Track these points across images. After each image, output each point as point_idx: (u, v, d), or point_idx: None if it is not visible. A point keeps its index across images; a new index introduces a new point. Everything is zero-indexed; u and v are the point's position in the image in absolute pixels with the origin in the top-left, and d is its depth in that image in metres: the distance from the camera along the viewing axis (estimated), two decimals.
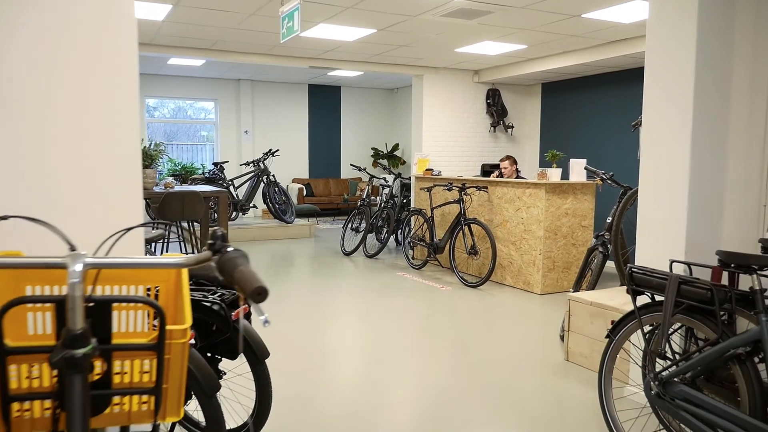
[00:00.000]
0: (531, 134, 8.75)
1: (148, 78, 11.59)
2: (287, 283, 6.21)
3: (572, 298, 3.89)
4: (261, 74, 11.65)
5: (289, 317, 4.92)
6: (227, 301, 2.52)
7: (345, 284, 6.20)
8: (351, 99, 13.66)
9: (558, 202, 5.78)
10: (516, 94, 8.60)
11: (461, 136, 8.17)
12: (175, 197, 5.71)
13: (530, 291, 5.92)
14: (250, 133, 12.47)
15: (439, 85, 7.94)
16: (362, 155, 13.91)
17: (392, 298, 5.61)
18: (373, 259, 7.72)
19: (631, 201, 3.73)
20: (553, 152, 5.89)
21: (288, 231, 9.57)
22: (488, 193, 6.40)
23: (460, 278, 6.25)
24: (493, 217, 6.35)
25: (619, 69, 7.34)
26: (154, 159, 6.21)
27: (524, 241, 5.95)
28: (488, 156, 8.41)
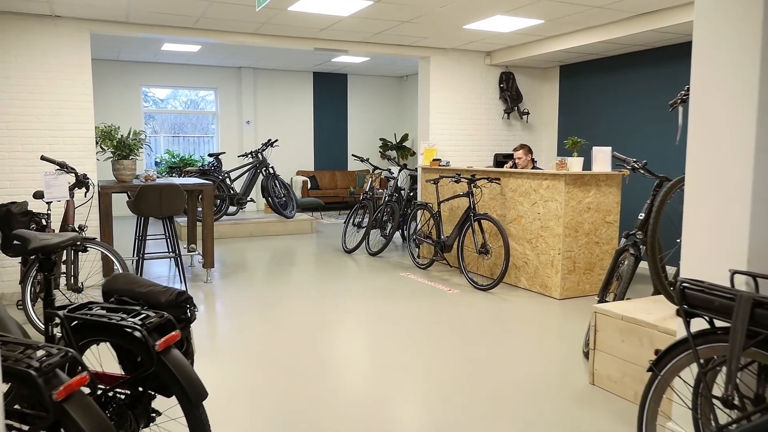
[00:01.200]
0: (548, 121, 8.07)
1: (143, 66, 11.07)
2: (281, 286, 5.63)
3: (598, 311, 3.26)
4: (263, 61, 11.07)
5: (280, 326, 4.35)
6: (151, 326, 1.93)
7: (344, 287, 5.61)
8: (358, 87, 13.04)
9: (579, 195, 5.13)
10: (532, 77, 7.92)
11: (472, 123, 7.53)
12: (152, 191, 5.16)
13: (548, 295, 5.28)
14: (252, 124, 11.91)
15: (447, 68, 7.30)
16: (370, 146, 13.29)
17: (394, 303, 5.01)
18: (377, 258, 7.13)
19: (671, 194, 3.09)
20: (574, 139, 5.23)
21: (288, 226, 9.01)
22: (501, 186, 5.76)
23: (469, 280, 5.63)
24: (506, 212, 5.71)
25: (649, 47, 6.63)
26: (133, 149, 5.66)
27: (541, 239, 5.31)
28: (501, 145, 7.76)
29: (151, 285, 2.12)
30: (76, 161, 5.54)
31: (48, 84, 5.41)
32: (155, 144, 15.74)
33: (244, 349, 3.87)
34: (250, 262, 6.79)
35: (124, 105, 11.03)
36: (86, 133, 5.57)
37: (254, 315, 4.67)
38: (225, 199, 8.77)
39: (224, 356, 3.75)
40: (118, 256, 4.13)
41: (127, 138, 5.66)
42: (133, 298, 2.07)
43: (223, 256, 7.21)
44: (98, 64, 10.69)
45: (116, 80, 10.91)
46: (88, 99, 5.55)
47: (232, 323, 4.46)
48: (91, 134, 5.59)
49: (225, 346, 3.93)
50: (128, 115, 11.06)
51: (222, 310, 4.83)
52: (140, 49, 9.76)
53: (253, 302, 5.05)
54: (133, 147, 5.66)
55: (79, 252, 4.17)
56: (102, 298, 2.18)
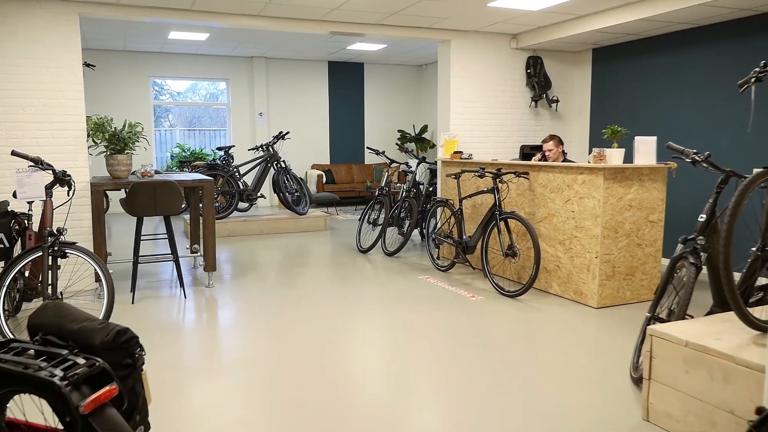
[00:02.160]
0: (579, 110, 7.45)
1: (151, 56, 10.66)
2: (289, 291, 5.15)
3: (656, 333, 2.71)
4: (275, 50, 10.59)
5: (287, 340, 3.86)
6: (77, 379, 1.44)
7: (358, 292, 5.11)
8: (375, 77, 12.50)
9: (620, 191, 4.55)
10: (562, 62, 7.31)
11: (496, 112, 6.95)
12: (144, 188, 4.70)
13: (583, 303, 4.72)
14: (265, 116, 11.46)
15: (469, 52, 6.73)
16: (388, 138, 12.75)
17: (413, 312, 4.49)
18: (393, 258, 6.61)
19: (749, 192, 2.52)
20: (614, 128, 4.64)
21: (300, 223, 8.54)
22: (529, 181, 5.20)
23: (494, 285, 5.09)
24: (535, 209, 5.15)
25: (697, 25, 5.99)
26: (128, 143, 5.22)
27: (575, 240, 4.74)
28: (528, 136, 7.17)
29: (85, 320, 1.63)
30: (65, 156, 5.11)
31: (34, 72, 4.97)
32: (171, 137, 15.38)
33: (246, 369, 3.39)
34: (258, 264, 6.33)
35: (132, 97, 10.64)
36: (76, 126, 5.14)
37: (258, 327, 4.19)
38: (234, 194, 8.33)
39: (223, 377, 3.27)
40: (99, 263, 3.68)
41: (122, 131, 5.22)
42: (62, 336, 1.58)
43: (230, 256, 6.77)
44: (104, 54, 10.31)
45: (124, 71, 10.52)
46: (78, 88, 5.11)
47: (232, 337, 3.99)
48: (82, 126, 5.16)
49: (224, 365, 3.46)
50: (137, 108, 10.68)
51: (222, 321, 4.36)
52: (146, 38, 9.34)
53: (257, 311, 4.58)
54: (128, 140, 5.22)
55: (58, 258, 3.74)
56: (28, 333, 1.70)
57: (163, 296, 5.03)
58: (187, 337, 3.98)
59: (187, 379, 3.26)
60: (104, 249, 4.89)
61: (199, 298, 4.96)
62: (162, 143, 13.34)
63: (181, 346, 3.80)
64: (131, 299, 4.86)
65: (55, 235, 3.70)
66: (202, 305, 4.77)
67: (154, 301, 4.88)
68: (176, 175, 5.68)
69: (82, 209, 5.14)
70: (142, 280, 5.64)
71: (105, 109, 10.43)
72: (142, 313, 4.54)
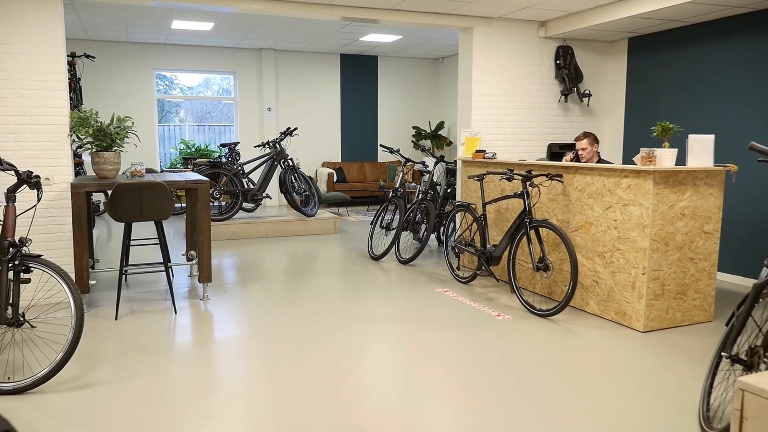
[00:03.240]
0: (612, 105, 6.83)
1: (155, 47, 10.17)
2: (292, 307, 4.61)
3: (751, 389, 2.12)
4: (285, 42, 10.05)
5: (286, 370, 3.32)
6: None
7: (369, 308, 4.56)
8: (389, 70, 11.93)
9: (671, 197, 3.95)
10: (593, 52, 6.69)
11: (522, 107, 6.35)
12: (129, 191, 4.18)
13: (626, 326, 4.13)
14: (274, 111, 10.94)
15: (493, 41, 6.13)
16: (402, 135, 12.19)
17: (430, 333, 3.93)
18: (408, 266, 6.05)
19: None
20: (665, 125, 4.04)
21: (308, 226, 8.00)
22: (563, 184, 4.61)
23: (522, 302, 4.51)
24: (569, 217, 4.56)
25: (756, 8, 5.34)
26: (116, 139, 4.71)
27: (618, 253, 4.15)
28: (557, 134, 6.57)
29: None
30: (46, 153, 4.60)
31: (11, 60, 4.47)
32: (180, 133, 14.93)
33: (240, 406, 2.85)
34: (261, 271, 5.80)
35: (135, 90, 10.16)
36: (58, 120, 4.63)
37: (255, 352, 3.65)
38: (238, 194, 7.81)
39: (212, 418, 2.73)
40: (67, 279, 3.15)
41: (109, 125, 4.71)
42: None
43: (231, 261, 6.24)
44: (105, 45, 9.84)
45: (126, 63, 10.04)
46: (60, 78, 4.60)
47: (225, 365, 3.45)
48: (64, 121, 4.65)
49: (214, 400, 2.93)
50: (140, 102, 10.20)
51: (214, 344, 3.83)
52: (149, 28, 8.84)
53: (255, 331, 4.04)
54: (115, 136, 4.71)
55: (20, 273, 3.22)
56: None
57: (152, 310, 4.51)
58: (173, 363, 3.45)
59: (167, 421, 2.73)
60: (86, 259, 4.38)
61: (192, 314, 4.43)
62: (171, 139, 12.89)
63: (165, 374, 3.28)
64: (115, 314, 4.34)
65: (17, 246, 3.19)
66: (193, 322, 4.24)
67: (141, 316, 4.36)
68: (170, 175, 5.17)
69: (63, 212, 4.64)
70: (133, 290, 5.13)
71: (106, 102, 9.96)
72: (124, 330, 4.02)
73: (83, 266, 4.38)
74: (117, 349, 3.68)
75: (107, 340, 3.83)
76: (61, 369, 3.12)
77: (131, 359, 3.51)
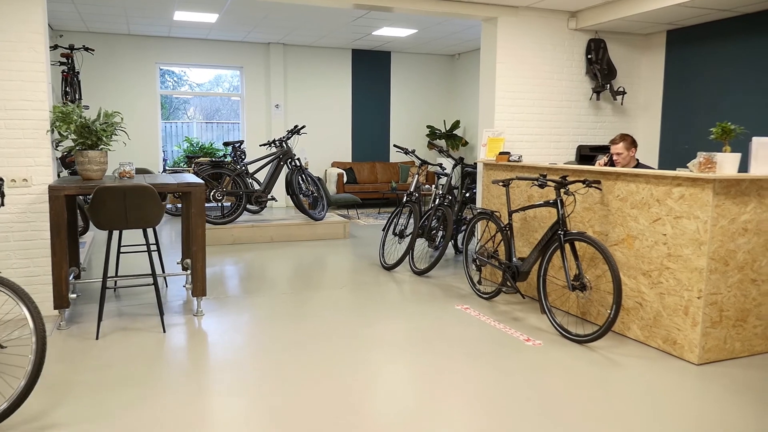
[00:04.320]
0: (647, 104, 6.28)
1: (158, 41, 9.73)
2: (296, 323, 4.12)
3: None
4: (294, 36, 9.58)
5: (285, 406, 2.83)
6: None
7: (380, 328, 4.06)
8: (403, 67, 11.42)
9: (733, 210, 3.41)
10: (628, 46, 6.14)
11: (550, 106, 5.82)
12: (111, 195, 3.70)
13: (677, 356, 3.60)
14: (282, 108, 10.47)
15: (518, 32, 5.61)
16: (416, 134, 11.68)
17: (450, 360, 3.42)
18: (424, 278, 5.55)
19: None
20: (726, 125, 3.50)
21: (316, 230, 7.51)
22: (602, 192, 4.08)
23: (555, 324, 3.99)
24: (608, 229, 4.04)
25: None
26: (102, 136, 4.24)
27: (668, 272, 3.62)
28: (586, 135, 6.03)
29: None
30: (23, 151, 4.14)
31: None
32: (188, 131, 14.55)
33: None
34: (262, 282, 5.31)
35: (137, 85, 9.73)
36: (37, 115, 4.16)
37: (250, 383, 3.16)
38: (241, 196, 7.34)
39: None
40: (26, 301, 2.67)
41: (94, 121, 4.24)
42: None
43: (232, 269, 5.77)
44: (106, 38, 9.41)
45: (128, 57, 9.61)
46: (40, 68, 4.13)
47: (213, 400, 2.97)
48: (44, 116, 4.19)
49: None
50: (143, 97, 9.77)
51: (204, 373, 3.34)
52: (150, 20, 8.40)
53: (252, 356, 3.55)
54: (101, 133, 4.24)
55: None
56: None
57: (139, 328, 4.04)
58: (156, 398, 2.97)
59: None
60: (65, 270, 3.91)
61: (183, 332, 3.95)
62: (179, 137, 12.48)
63: (145, 413, 2.79)
64: (96, 333, 3.87)
65: None
66: (183, 344, 3.76)
67: (125, 335, 3.89)
68: (164, 177, 4.69)
69: (42, 217, 4.17)
70: (123, 302, 4.66)
71: (107, 97, 9.54)
72: (104, 354, 3.54)
73: (62, 278, 3.91)
74: (93, 378, 3.20)
75: (83, 366, 3.36)
76: (21, 404, 2.64)
77: (108, 392, 3.03)
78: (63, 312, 3.99)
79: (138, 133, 9.76)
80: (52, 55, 8.57)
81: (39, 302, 4.19)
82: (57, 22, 8.54)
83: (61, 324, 3.99)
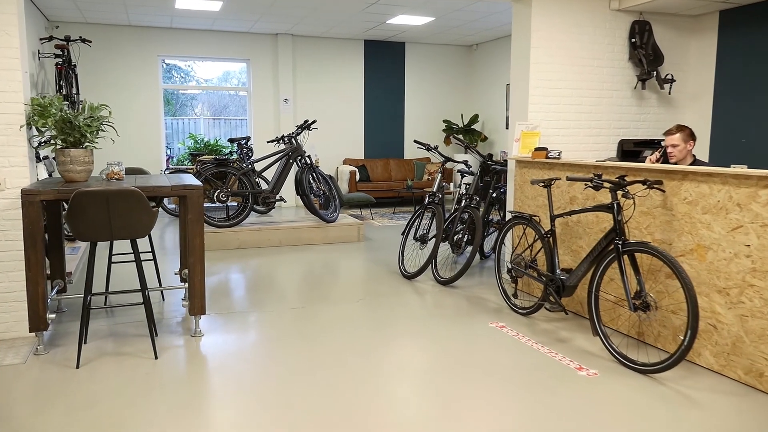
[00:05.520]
0: (697, 93, 5.67)
1: (160, 32, 9.21)
2: (306, 345, 3.57)
3: None
4: (303, 26, 9.02)
5: None
6: None
7: (402, 350, 3.49)
8: (418, 58, 10.84)
9: None
10: (675, 29, 5.53)
11: (589, 96, 5.23)
12: (93, 200, 3.16)
13: (763, 391, 3.01)
14: (291, 102, 9.93)
15: (555, 14, 5.02)
16: (432, 130, 11.11)
17: (483, 389, 2.86)
18: (449, 287, 4.99)
19: None
20: None
21: (328, 233, 6.96)
22: (665, 193, 3.50)
23: (612, 350, 3.41)
24: (671, 237, 3.45)
25: None
26: (86, 133, 3.71)
27: (752, 290, 3.03)
28: (629, 127, 5.43)
29: None
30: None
31: None
32: (195, 128, 14.05)
33: None
34: (269, 294, 4.77)
35: (139, 79, 9.21)
36: (11, 108, 3.63)
37: (253, 427, 2.61)
38: (248, 197, 6.80)
39: None
40: None
41: (77, 115, 3.71)
42: None
43: (236, 279, 5.23)
44: (105, 29, 8.90)
45: (128, 49, 9.09)
46: (12, 54, 3.60)
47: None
48: (19, 109, 3.65)
49: None
50: (144, 91, 9.25)
51: (198, 415, 2.80)
52: (151, 9, 7.87)
53: (255, 392, 3.00)
54: (85, 129, 3.70)
55: None
56: None
57: (128, 352, 3.50)
58: None
59: None
60: (42, 287, 3.38)
61: (178, 359, 3.42)
62: (185, 134, 11.99)
63: None
64: (76, 361, 3.34)
65: None
66: (177, 374, 3.22)
67: (111, 362, 3.36)
68: (158, 178, 4.15)
69: (16, 225, 3.64)
70: (114, 318, 4.14)
71: (107, 92, 9.03)
72: (82, 388, 3.01)
73: (38, 296, 3.39)
74: (65, 423, 2.67)
75: (56, 406, 2.82)
76: None
77: None
78: (41, 335, 3.47)
79: (140, 129, 9.25)
80: (47, 47, 8.07)
81: (14, 323, 3.67)
82: (52, 12, 8.04)
83: (39, 348, 3.47)
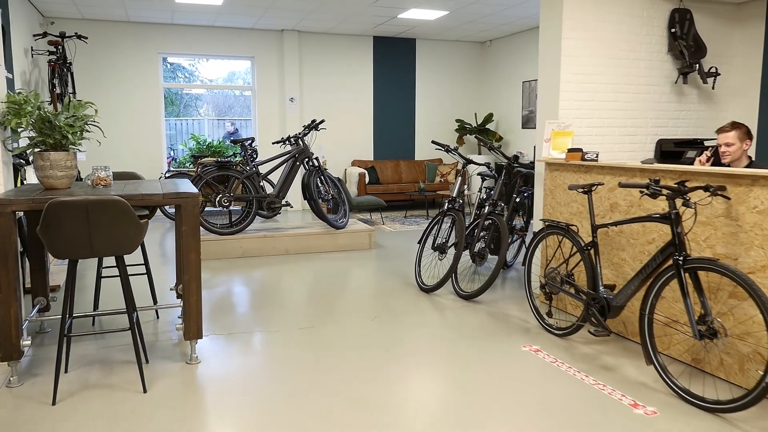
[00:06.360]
0: (743, 88, 5.19)
1: (160, 28, 8.80)
2: (312, 376, 3.12)
3: None
4: (310, 22, 8.59)
5: None
6: None
7: (422, 377, 3.04)
8: (429, 55, 10.39)
9: None
10: (718, 18, 5.06)
11: (625, 91, 4.77)
12: (70, 212, 2.73)
13: None
14: (297, 101, 9.50)
15: (588, 3, 4.56)
16: (444, 130, 10.66)
17: (519, 429, 2.41)
18: (472, 302, 4.54)
19: None
20: None
21: (337, 240, 6.52)
22: (729, 201, 3.03)
23: (671, 383, 2.95)
24: (737, 251, 2.99)
25: None
26: (67, 134, 3.28)
27: None
28: (667, 126, 4.97)
29: None
30: None
31: None
32: (199, 129, 13.65)
33: None
34: (273, 311, 4.33)
35: (138, 77, 8.81)
36: None
37: None
38: (252, 201, 6.37)
39: None
40: None
41: (58, 114, 3.28)
42: None
43: (238, 293, 4.79)
44: (103, 25, 8.50)
45: (127, 46, 8.69)
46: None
47: None
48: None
49: None
50: (144, 90, 8.84)
51: None
52: (151, 4, 7.46)
53: (257, 429, 2.57)
54: (66, 130, 3.28)
55: None
56: None
57: (113, 384, 3.07)
58: None
59: None
60: (15, 310, 2.96)
61: (169, 391, 2.98)
62: (188, 135, 11.58)
63: None
64: (53, 397, 2.90)
65: None
66: (169, 411, 2.78)
67: (92, 397, 2.92)
68: (149, 184, 3.72)
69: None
70: (102, 341, 3.71)
71: (104, 90, 8.63)
72: (57, 429, 2.58)
73: (11, 321, 2.96)
74: None
75: None
76: None
77: None
78: (14, 364, 3.04)
79: (139, 130, 8.85)
80: (41, 44, 7.67)
81: None
82: (47, 7, 7.64)
83: (11, 380, 3.04)
